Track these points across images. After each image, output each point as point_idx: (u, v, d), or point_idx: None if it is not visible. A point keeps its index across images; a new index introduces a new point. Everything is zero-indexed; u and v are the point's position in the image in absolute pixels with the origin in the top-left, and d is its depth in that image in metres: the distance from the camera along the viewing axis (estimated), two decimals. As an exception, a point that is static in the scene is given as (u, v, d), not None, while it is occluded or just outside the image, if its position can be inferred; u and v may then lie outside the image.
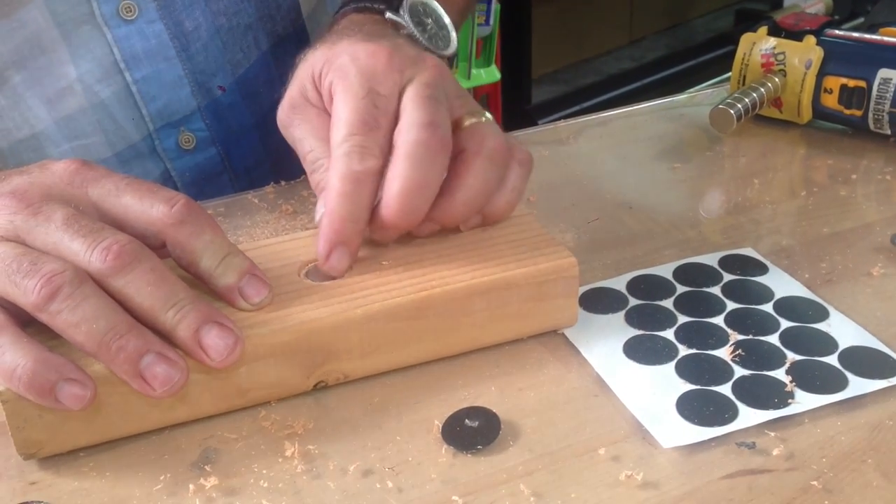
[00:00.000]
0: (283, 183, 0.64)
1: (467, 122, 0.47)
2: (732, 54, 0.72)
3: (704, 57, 2.70)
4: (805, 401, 0.41)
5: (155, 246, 0.41)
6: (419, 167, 0.43)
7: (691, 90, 0.79)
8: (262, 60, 0.70)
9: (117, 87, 0.63)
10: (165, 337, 0.39)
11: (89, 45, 0.62)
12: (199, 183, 0.69)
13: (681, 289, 0.50)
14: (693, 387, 0.43)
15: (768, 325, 0.47)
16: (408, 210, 0.43)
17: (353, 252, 0.44)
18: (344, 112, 0.45)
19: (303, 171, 0.50)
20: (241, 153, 0.71)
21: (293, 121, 0.50)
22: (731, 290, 0.50)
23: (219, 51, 0.66)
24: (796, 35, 0.69)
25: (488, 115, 0.48)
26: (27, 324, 0.40)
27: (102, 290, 0.38)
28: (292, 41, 0.71)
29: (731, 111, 0.66)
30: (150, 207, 0.41)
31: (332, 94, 0.47)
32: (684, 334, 0.46)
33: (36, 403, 0.38)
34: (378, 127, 0.44)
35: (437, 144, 0.44)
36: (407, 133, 0.44)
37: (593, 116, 0.75)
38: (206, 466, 0.39)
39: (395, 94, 0.46)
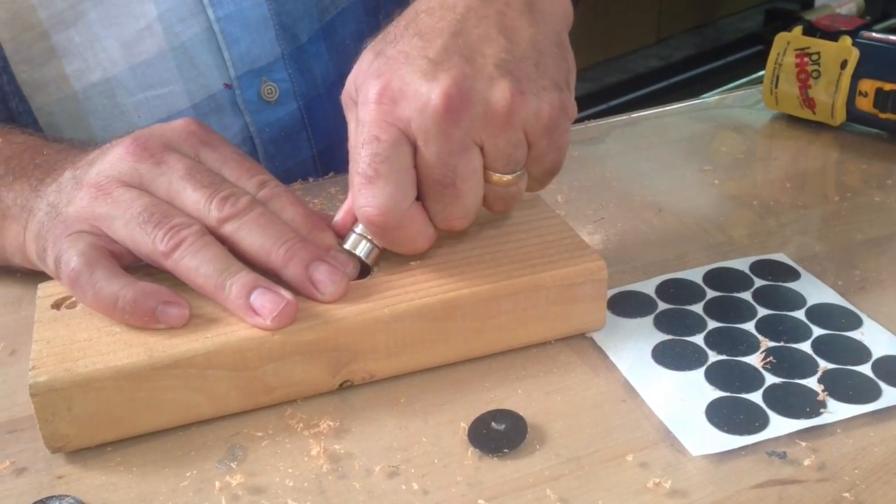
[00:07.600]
0: (311, 180, 0.64)
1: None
2: (761, 54, 0.71)
3: (733, 57, 2.67)
4: (837, 410, 0.41)
5: None
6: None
7: (720, 90, 0.78)
8: (351, 10, 0.68)
9: (199, 27, 0.61)
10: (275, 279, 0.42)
11: None
12: (277, 140, 0.67)
13: (711, 293, 0.49)
14: (723, 394, 0.42)
15: (800, 333, 0.46)
16: None
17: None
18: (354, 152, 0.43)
19: None
20: (322, 111, 0.68)
21: (347, 114, 0.46)
22: (762, 296, 0.49)
23: None
24: (832, 35, 0.68)
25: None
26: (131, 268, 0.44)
27: (217, 240, 0.42)
28: None
29: None
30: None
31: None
32: (714, 340, 0.46)
33: (64, 397, 0.38)
34: (377, 177, 0.41)
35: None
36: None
37: (622, 117, 0.74)
38: (232, 464, 0.39)
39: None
